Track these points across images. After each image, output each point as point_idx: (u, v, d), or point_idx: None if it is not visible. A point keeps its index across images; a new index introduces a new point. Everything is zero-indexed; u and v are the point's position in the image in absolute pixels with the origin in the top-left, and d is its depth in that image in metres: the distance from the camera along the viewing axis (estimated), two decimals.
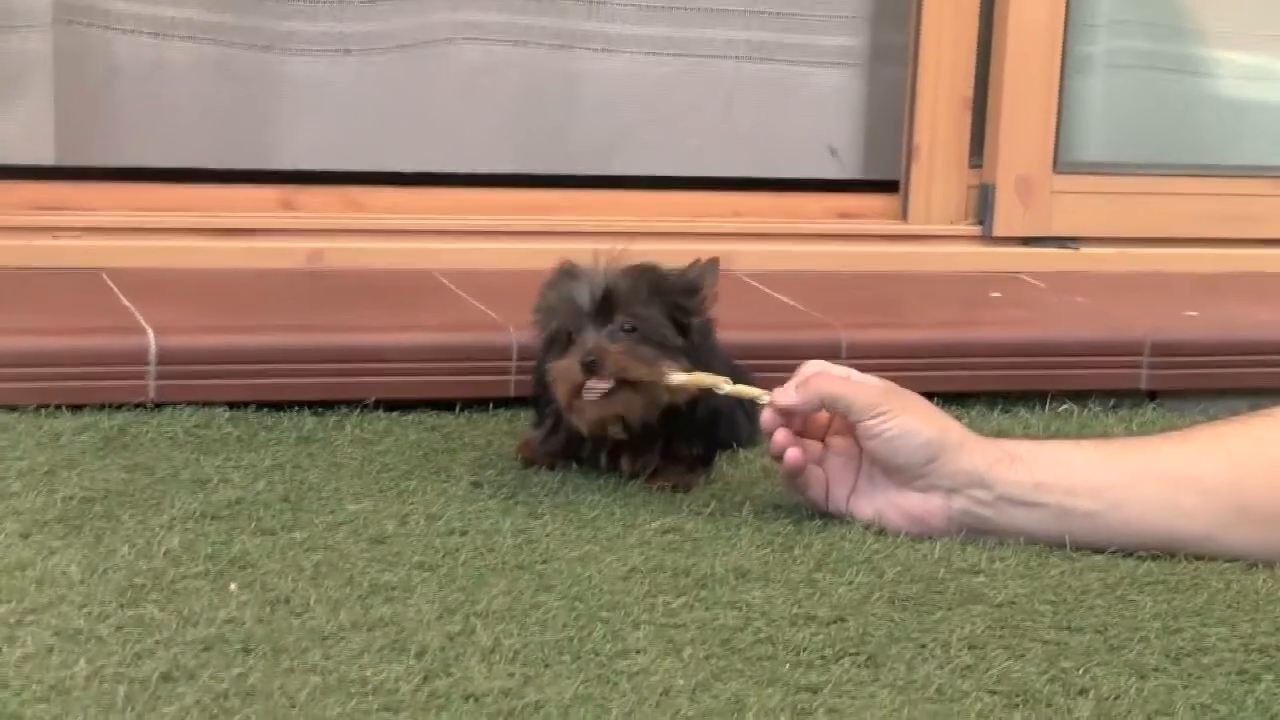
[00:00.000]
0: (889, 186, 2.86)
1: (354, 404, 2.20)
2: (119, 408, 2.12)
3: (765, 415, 1.91)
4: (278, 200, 2.65)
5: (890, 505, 1.89)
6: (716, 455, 2.07)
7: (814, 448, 1.92)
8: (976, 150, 2.85)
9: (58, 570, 1.65)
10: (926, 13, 2.80)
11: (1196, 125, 3.05)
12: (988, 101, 2.84)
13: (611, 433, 1.98)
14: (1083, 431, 2.32)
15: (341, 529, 1.81)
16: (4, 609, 1.56)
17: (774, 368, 2.05)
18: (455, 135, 2.78)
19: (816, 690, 1.49)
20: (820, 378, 1.89)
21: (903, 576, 1.76)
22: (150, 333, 2.18)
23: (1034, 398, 2.40)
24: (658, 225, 2.73)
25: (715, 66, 2.87)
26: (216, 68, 2.68)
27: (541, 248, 2.52)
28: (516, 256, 2.57)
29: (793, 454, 1.89)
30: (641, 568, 1.75)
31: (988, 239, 2.85)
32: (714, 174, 2.85)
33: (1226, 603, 1.74)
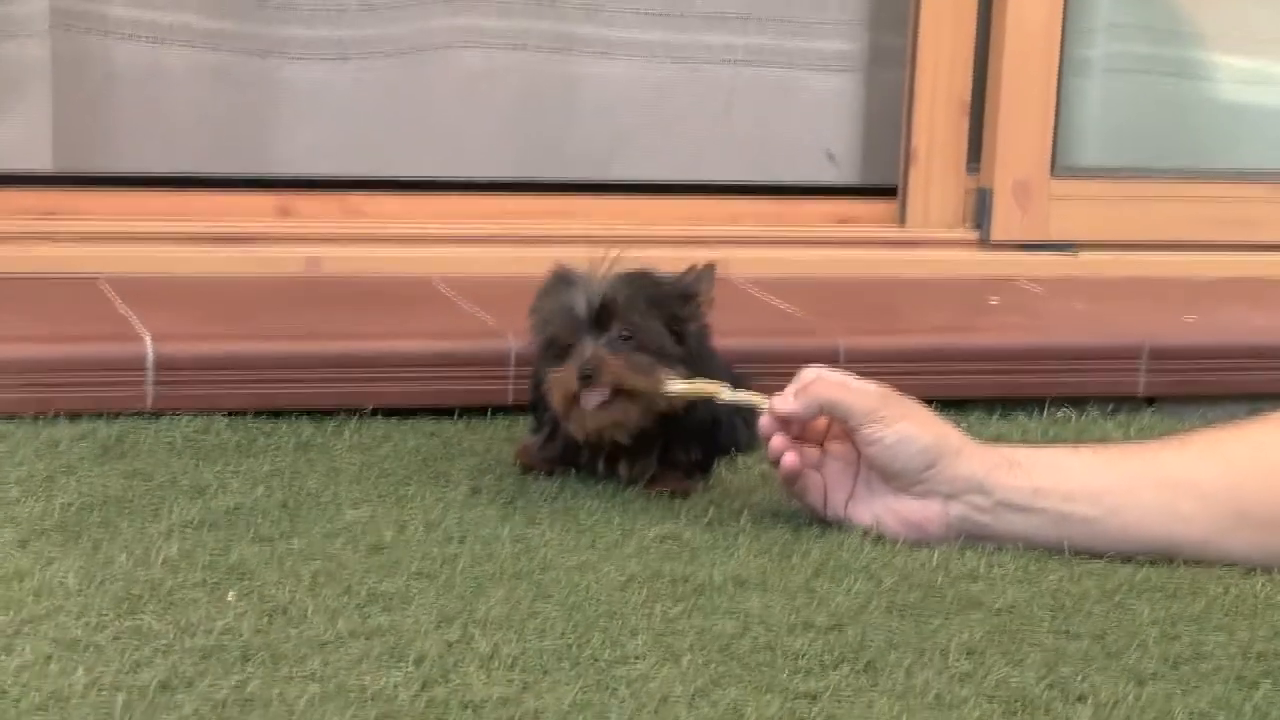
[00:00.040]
0: (887, 191, 2.86)
1: (352, 411, 2.20)
2: (117, 415, 2.12)
3: (762, 420, 1.91)
4: (275, 207, 2.65)
5: (888, 511, 1.89)
6: (715, 461, 2.07)
7: (812, 453, 1.92)
8: (974, 155, 2.85)
9: (56, 579, 1.65)
10: (924, 17, 2.80)
11: (1194, 130, 3.05)
12: (985, 106, 2.84)
13: (609, 435, 1.97)
14: (1081, 437, 2.32)
15: (340, 536, 1.81)
16: (2, 618, 1.56)
17: (772, 373, 2.04)
18: (454, 141, 2.78)
19: (815, 697, 1.50)
20: (819, 384, 1.89)
21: (901, 583, 1.76)
22: (148, 340, 2.18)
23: (1032, 403, 2.40)
24: (656, 231, 2.73)
25: (713, 71, 2.87)
26: (214, 74, 2.68)
27: (540, 254, 2.51)
28: (515, 263, 2.57)
29: (789, 459, 1.89)
30: (640, 575, 1.75)
31: (985, 244, 2.85)
32: (712, 179, 2.85)
33: (1225, 608, 1.74)
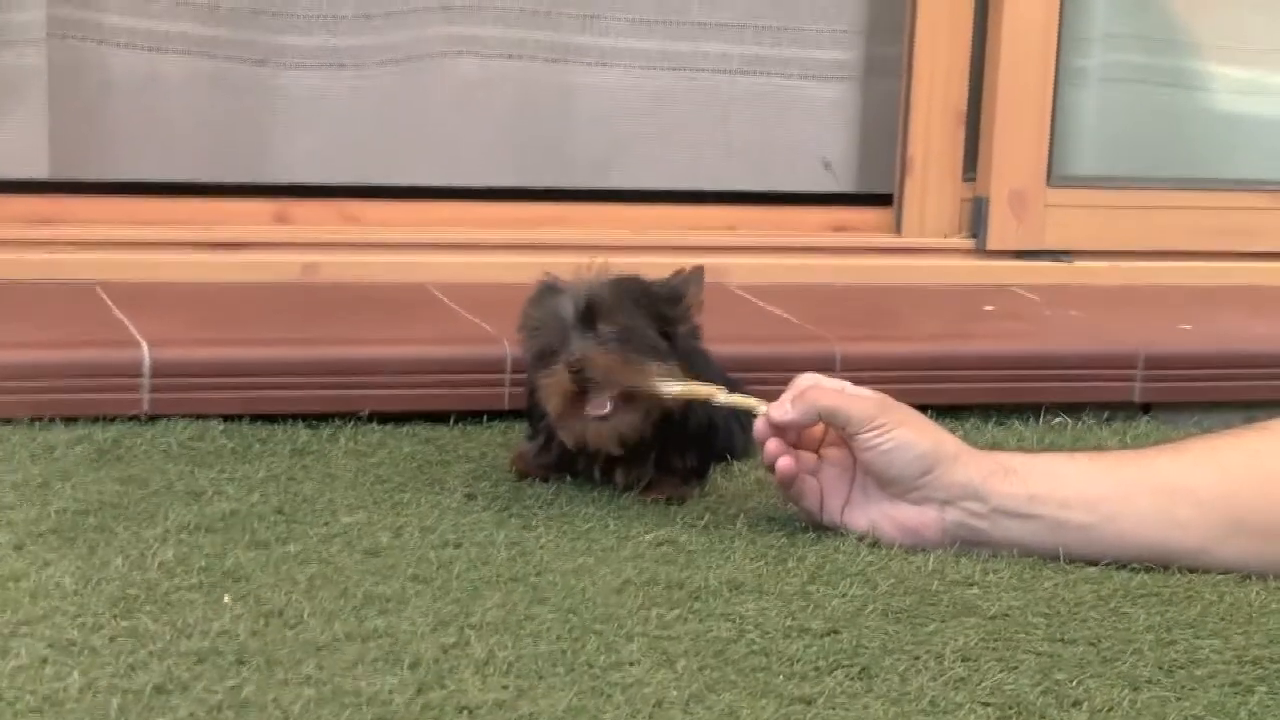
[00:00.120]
0: (883, 200, 2.86)
1: (348, 416, 2.20)
2: (113, 420, 2.12)
3: (758, 425, 1.91)
4: (272, 214, 2.65)
5: (884, 517, 1.89)
6: (711, 467, 2.07)
7: (808, 459, 1.92)
8: (970, 164, 2.85)
9: (51, 582, 1.65)
10: (920, 26, 2.81)
11: (1190, 139, 3.05)
12: (981, 115, 2.84)
13: (599, 446, 1.97)
14: (1077, 444, 2.32)
15: (336, 541, 1.81)
16: None
17: (768, 380, 2.05)
18: (450, 149, 2.78)
19: (810, 702, 1.49)
20: (816, 390, 1.89)
21: (896, 589, 1.76)
22: (144, 345, 2.18)
23: (1028, 410, 2.41)
24: (652, 239, 2.73)
25: (710, 80, 2.87)
26: (211, 81, 2.68)
27: (536, 261, 2.52)
28: (511, 270, 2.57)
29: (785, 463, 1.89)
30: (635, 580, 1.75)
31: (981, 252, 2.85)
32: (709, 187, 2.85)
33: (1220, 615, 1.74)
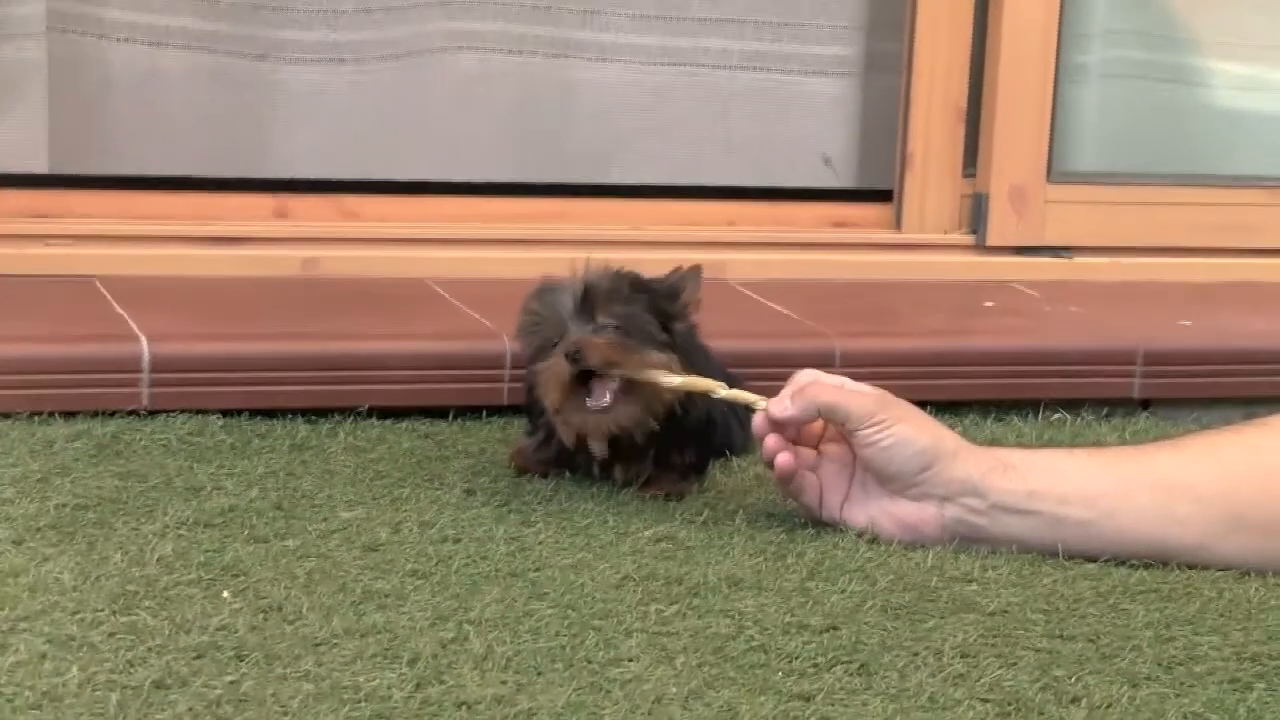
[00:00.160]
0: (883, 196, 2.86)
1: (347, 411, 2.20)
2: (112, 415, 2.12)
3: (757, 421, 1.91)
4: (272, 208, 2.65)
5: (883, 513, 1.89)
6: (710, 463, 2.07)
7: (808, 455, 1.92)
8: (970, 159, 2.85)
9: (50, 577, 1.65)
10: (921, 22, 2.81)
11: (1190, 135, 3.05)
12: (981, 111, 2.84)
13: (599, 438, 1.97)
14: (1076, 440, 2.32)
15: (334, 536, 1.81)
16: None
17: (767, 376, 2.05)
18: (450, 144, 2.78)
19: (809, 698, 1.49)
20: (815, 387, 1.89)
21: (895, 585, 1.76)
22: (144, 340, 2.18)
23: (1027, 406, 2.40)
24: (652, 234, 2.73)
25: (710, 76, 2.87)
26: (211, 76, 2.68)
27: (536, 256, 2.52)
28: (511, 265, 2.57)
29: (784, 459, 1.89)
30: (634, 576, 1.75)
31: (981, 248, 2.85)
32: (709, 183, 2.85)
33: (1219, 611, 1.74)
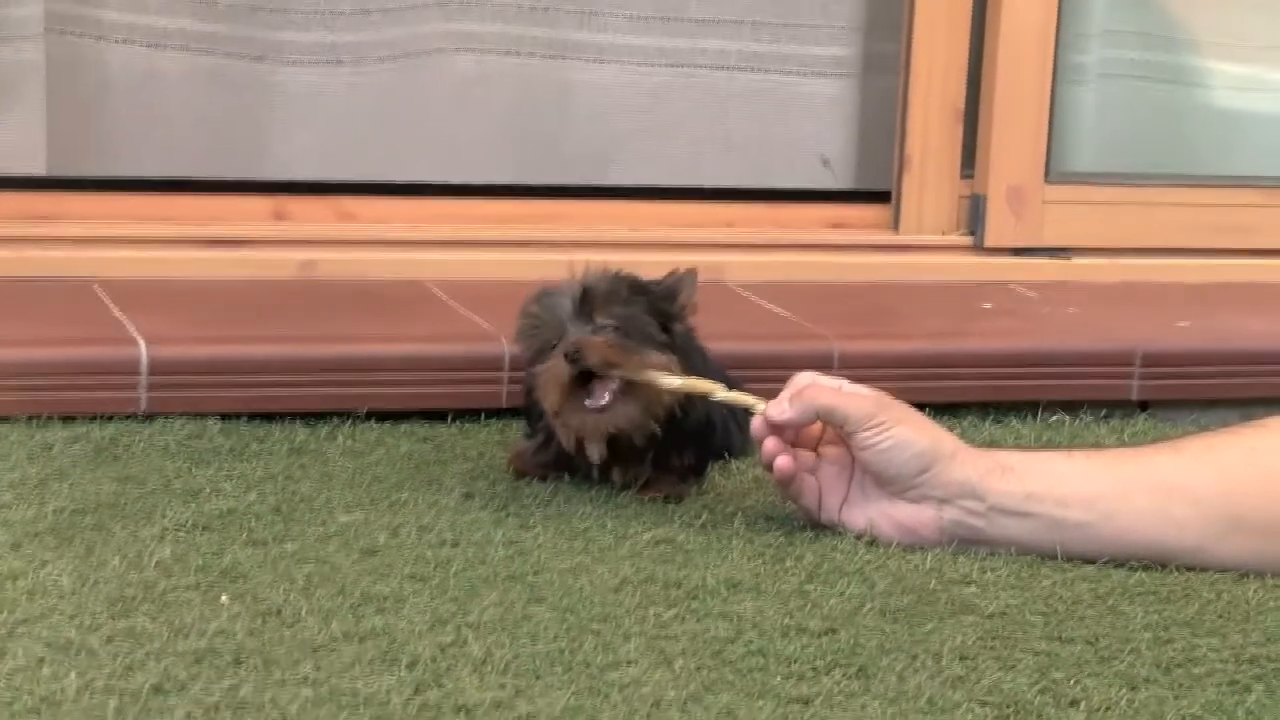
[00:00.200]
0: (881, 197, 2.86)
1: (346, 415, 2.20)
2: (110, 419, 2.12)
3: (755, 423, 1.91)
4: (270, 210, 2.65)
5: (882, 515, 1.89)
6: (709, 466, 2.07)
7: (806, 458, 1.92)
8: (968, 160, 2.85)
9: (49, 581, 1.65)
10: (918, 23, 2.80)
11: (1189, 136, 3.05)
12: (979, 112, 2.84)
13: (598, 439, 1.97)
14: (1074, 442, 2.32)
15: (333, 540, 1.81)
16: None
17: (766, 378, 2.04)
18: (447, 145, 2.78)
19: (808, 702, 1.49)
20: (813, 389, 1.89)
21: (894, 587, 1.76)
22: (142, 343, 2.18)
23: (1025, 408, 2.40)
24: (650, 236, 2.73)
25: (708, 77, 2.87)
26: (209, 78, 2.68)
27: (534, 258, 2.53)
28: (509, 267, 2.57)
29: (783, 461, 1.89)
30: (633, 579, 1.75)
31: (979, 249, 2.85)
32: (707, 184, 2.85)
33: (1217, 613, 1.74)
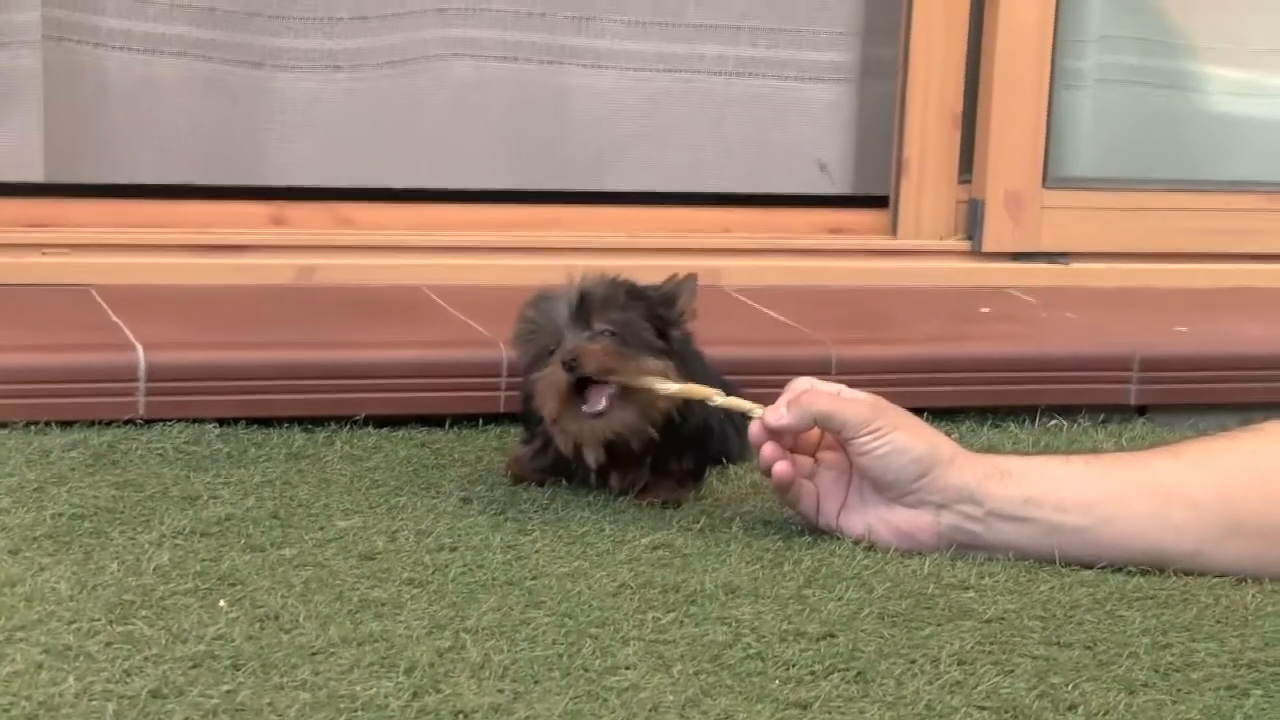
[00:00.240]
0: (879, 202, 2.86)
1: (344, 420, 2.20)
2: (108, 424, 2.12)
3: (753, 429, 1.91)
4: (268, 216, 2.65)
5: (880, 521, 1.89)
6: (706, 471, 2.07)
7: (805, 462, 1.92)
8: (966, 165, 2.85)
9: (47, 587, 1.65)
10: (916, 28, 2.81)
11: (1186, 140, 3.05)
12: (977, 117, 2.84)
13: (595, 444, 1.97)
14: (1072, 446, 2.32)
15: (331, 545, 1.81)
16: None
17: (764, 383, 2.04)
18: (445, 151, 2.78)
19: (806, 706, 1.49)
20: (811, 395, 1.89)
21: (892, 592, 1.76)
22: (140, 349, 2.18)
23: (1023, 413, 2.41)
24: (648, 241, 2.73)
25: (706, 82, 2.87)
26: (207, 84, 2.68)
27: (532, 263, 2.53)
28: (507, 272, 2.57)
29: (781, 467, 1.89)
30: (631, 584, 1.75)
31: (977, 254, 2.85)
32: (704, 189, 2.85)
33: (1215, 618, 1.74)
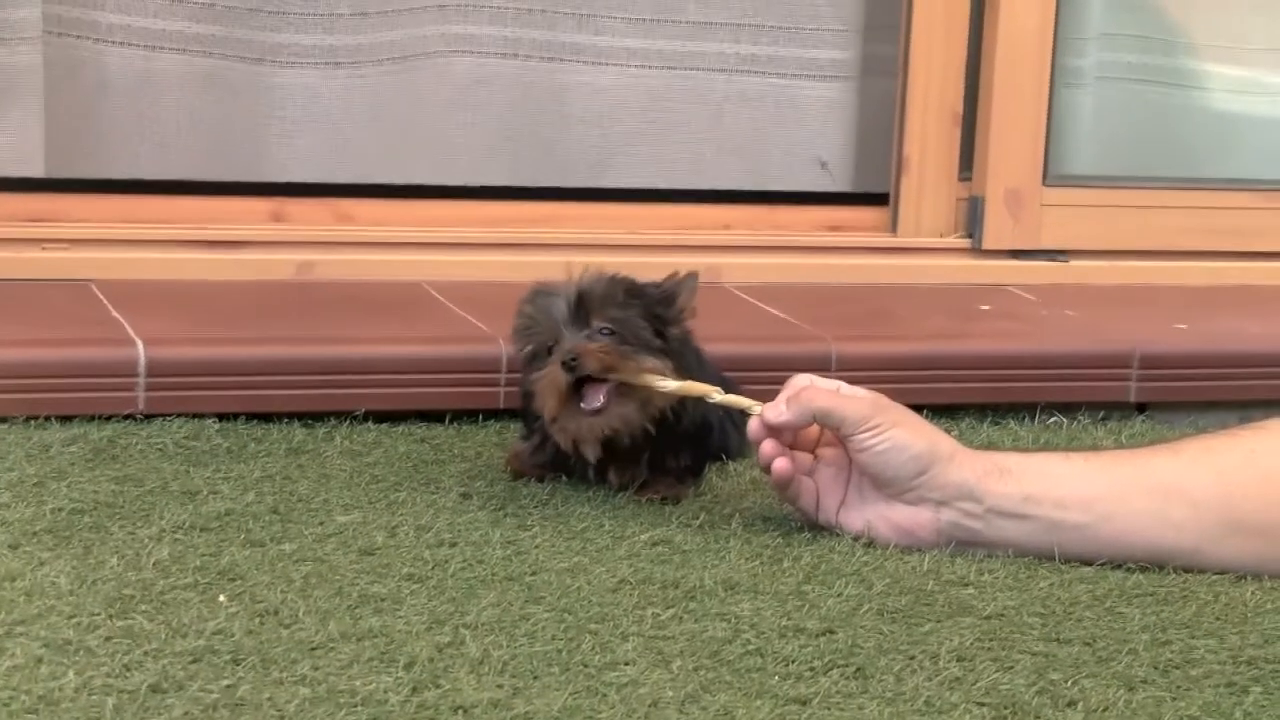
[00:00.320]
0: (879, 199, 2.86)
1: (343, 415, 2.20)
2: (108, 419, 2.12)
3: (752, 425, 1.91)
4: (268, 212, 2.65)
5: (880, 517, 1.89)
6: (706, 467, 2.07)
7: (804, 459, 1.92)
8: (966, 163, 2.85)
9: (47, 581, 1.65)
10: (916, 26, 2.81)
11: (1186, 139, 3.05)
12: (977, 114, 2.84)
13: (594, 441, 1.97)
14: (1072, 444, 2.32)
15: (331, 540, 1.81)
16: None
17: (763, 380, 2.05)
18: (445, 148, 2.78)
19: (805, 702, 1.49)
20: (810, 391, 1.89)
21: (892, 588, 1.76)
22: (140, 344, 2.18)
23: (1023, 410, 2.41)
24: (648, 238, 2.73)
25: (706, 79, 2.87)
26: (207, 80, 2.68)
27: (531, 260, 2.53)
28: (506, 269, 2.57)
29: (780, 464, 1.89)
30: (630, 579, 1.75)
31: (977, 251, 2.85)
32: (705, 187, 2.85)
33: (1215, 615, 1.74)
